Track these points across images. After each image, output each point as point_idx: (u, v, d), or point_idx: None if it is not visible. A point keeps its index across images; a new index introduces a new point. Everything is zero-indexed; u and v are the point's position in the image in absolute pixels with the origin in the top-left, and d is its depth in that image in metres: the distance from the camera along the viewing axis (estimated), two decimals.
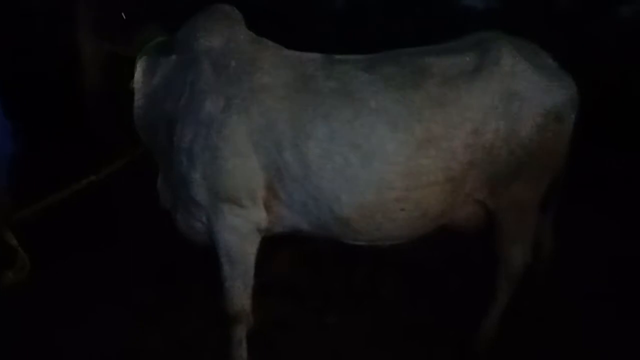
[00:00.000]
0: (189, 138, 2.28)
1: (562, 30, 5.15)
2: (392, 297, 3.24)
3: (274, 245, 2.67)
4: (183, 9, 2.70)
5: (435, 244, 2.77)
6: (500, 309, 2.64)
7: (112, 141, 2.72)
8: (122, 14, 2.54)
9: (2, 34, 4.39)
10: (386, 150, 2.22)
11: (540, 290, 2.76)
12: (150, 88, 2.49)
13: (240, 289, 2.44)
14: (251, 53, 2.37)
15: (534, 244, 2.64)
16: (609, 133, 4.55)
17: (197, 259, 2.82)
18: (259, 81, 2.28)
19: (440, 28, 2.69)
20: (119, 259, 3.64)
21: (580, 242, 3.27)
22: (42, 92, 4.46)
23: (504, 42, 2.36)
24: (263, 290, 2.83)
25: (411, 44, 2.49)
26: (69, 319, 3.02)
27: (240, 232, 2.35)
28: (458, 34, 2.54)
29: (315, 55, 2.43)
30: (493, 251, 2.58)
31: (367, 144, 2.22)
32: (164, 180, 2.57)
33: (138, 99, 2.52)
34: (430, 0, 5.52)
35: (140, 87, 2.51)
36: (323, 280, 3.47)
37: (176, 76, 2.42)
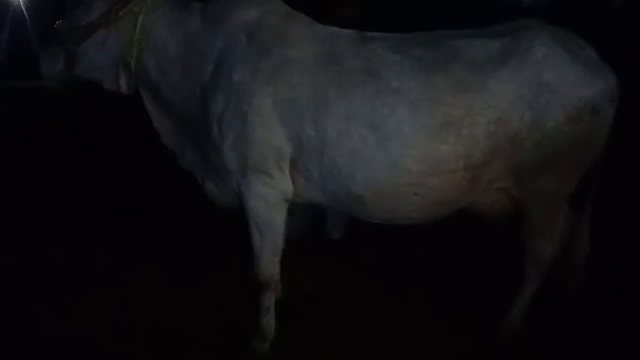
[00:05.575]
0: (220, 106, 2.36)
1: (616, 27, 5.01)
2: (421, 279, 3.29)
3: None
4: None
5: (466, 230, 2.81)
6: (528, 298, 2.65)
7: None
8: None
9: None
10: (404, 133, 2.22)
11: (573, 289, 2.73)
12: (177, 49, 2.49)
13: (269, 257, 2.54)
14: (284, 27, 2.41)
15: (568, 245, 2.63)
16: None
17: (230, 229, 2.92)
18: (288, 54, 2.33)
19: (486, 20, 2.66)
20: (153, 228, 3.86)
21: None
22: None
23: (540, 31, 2.30)
24: (294, 263, 2.94)
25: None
26: (104, 281, 3.20)
27: (268, 200, 2.43)
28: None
29: (348, 32, 2.45)
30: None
31: (385, 124, 2.23)
32: (194, 146, 2.62)
33: (168, 62, 2.50)
34: None
35: (165, 43, 2.49)
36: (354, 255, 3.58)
37: (210, 43, 2.44)
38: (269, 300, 2.63)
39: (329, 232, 3.76)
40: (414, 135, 2.22)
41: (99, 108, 3.72)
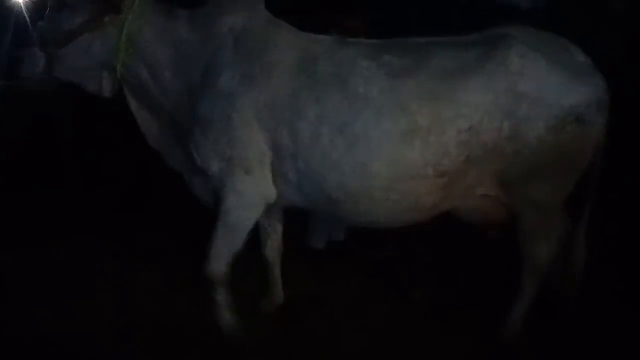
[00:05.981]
0: (206, 108, 2.41)
1: (615, 28, 5.00)
2: (421, 279, 3.31)
3: None
4: None
5: (466, 230, 2.82)
6: (527, 303, 2.64)
7: None
8: None
9: None
10: (370, 138, 2.25)
11: (572, 291, 2.72)
12: (166, 54, 2.52)
13: (225, 254, 2.55)
14: (267, 33, 2.47)
15: (566, 248, 2.61)
16: None
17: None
18: (269, 59, 2.39)
19: (486, 20, 2.66)
20: (153, 228, 3.88)
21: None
22: None
23: (518, 39, 2.26)
24: (294, 264, 2.94)
25: None
26: (104, 281, 3.22)
27: (246, 200, 2.47)
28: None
29: (326, 38, 2.49)
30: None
31: (352, 129, 2.27)
32: (182, 147, 2.63)
33: (158, 66, 2.53)
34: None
35: (154, 48, 2.51)
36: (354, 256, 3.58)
37: (198, 49, 2.49)
38: (222, 297, 2.63)
39: (331, 234, 3.76)
40: (380, 140, 2.25)
41: (99, 108, 3.72)
